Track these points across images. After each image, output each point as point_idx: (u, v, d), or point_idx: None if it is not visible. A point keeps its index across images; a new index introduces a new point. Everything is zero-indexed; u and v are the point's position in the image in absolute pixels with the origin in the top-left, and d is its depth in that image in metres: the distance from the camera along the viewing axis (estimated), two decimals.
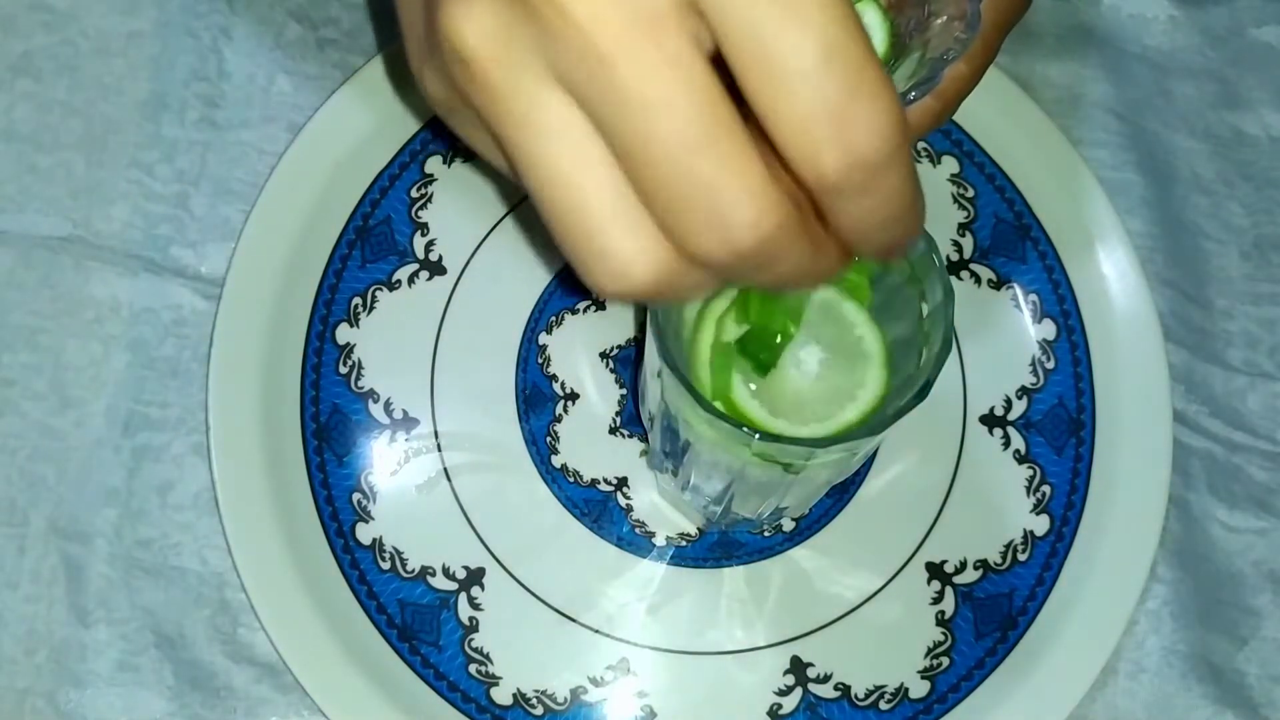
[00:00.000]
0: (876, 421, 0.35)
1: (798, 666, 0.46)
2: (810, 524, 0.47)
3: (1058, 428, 0.49)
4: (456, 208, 0.50)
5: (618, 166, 0.24)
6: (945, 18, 0.38)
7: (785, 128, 0.23)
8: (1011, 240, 0.51)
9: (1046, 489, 0.48)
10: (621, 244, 0.25)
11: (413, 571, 0.46)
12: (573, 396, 0.48)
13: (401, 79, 0.50)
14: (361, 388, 0.48)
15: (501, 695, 0.45)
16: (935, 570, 0.47)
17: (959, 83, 0.41)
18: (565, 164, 0.25)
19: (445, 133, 0.50)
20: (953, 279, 0.50)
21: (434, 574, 0.46)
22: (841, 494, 0.48)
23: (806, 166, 0.24)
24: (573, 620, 0.46)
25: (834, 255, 0.27)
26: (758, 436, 0.33)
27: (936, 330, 0.34)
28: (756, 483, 0.38)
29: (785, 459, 0.35)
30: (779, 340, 0.37)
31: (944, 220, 0.51)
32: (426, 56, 0.28)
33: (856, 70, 0.23)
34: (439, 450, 0.47)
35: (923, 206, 0.27)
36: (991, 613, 0.47)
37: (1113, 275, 0.50)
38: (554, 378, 0.48)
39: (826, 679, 0.46)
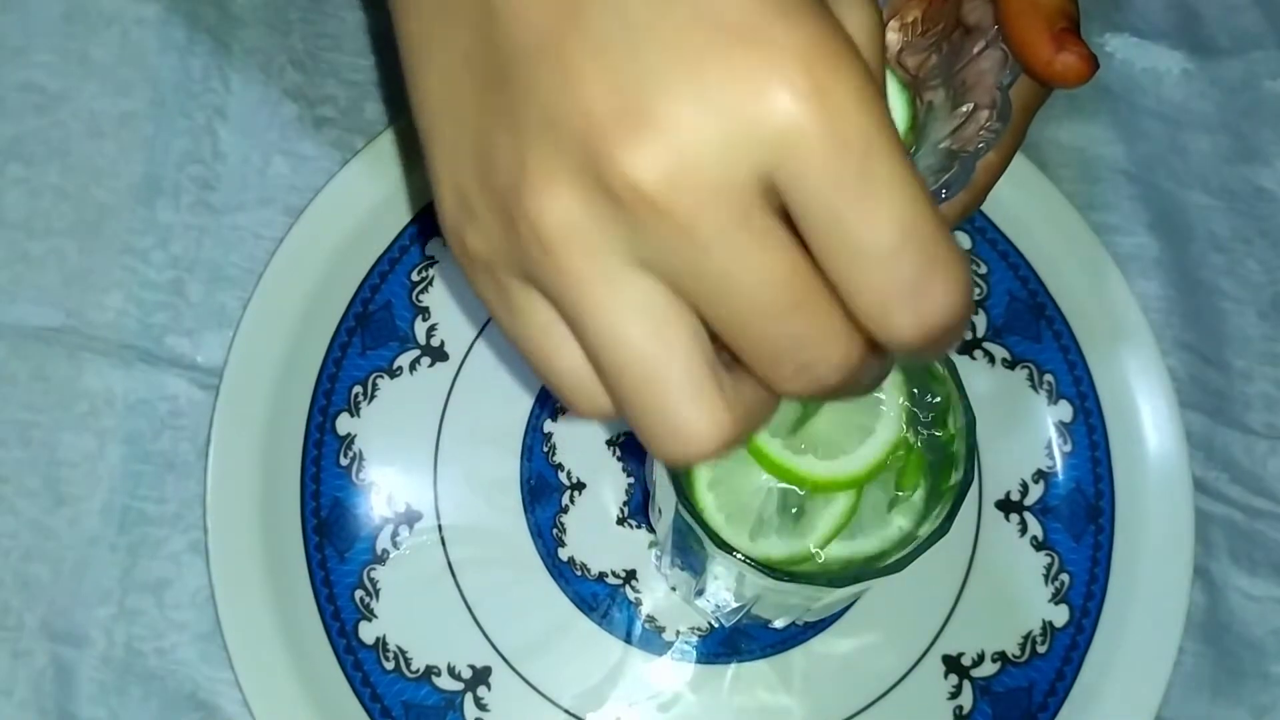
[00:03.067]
0: (897, 560, 0.34)
1: None
2: (823, 617, 0.46)
3: (1075, 514, 0.48)
4: (458, 290, 0.49)
5: (696, 342, 0.25)
6: (973, 106, 0.37)
7: (863, 303, 0.24)
8: (1025, 318, 0.50)
9: (1065, 577, 0.47)
10: (696, 419, 0.25)
11: (417, 671, 0.45)
12: (579, 486, 0.47)
13: (400, 160, 0.49)
14: (363, 480, 0.47)
15: None
16: (952, 663, 0.46)
17: (989, 172, 0.40)
18: (648, 344, 0.25)
19: None
20: (965, 358, 0.50)
21: (439, 674, 0.45)
22: None
23: (883, 338, 0.24)
24: None
25: (888, 360, 0.28)
26: (775, 575, 0.32)
27: (959, 452, 0.33)
28: (778, 602, 0.37)
29: (800, 598, 0.34)
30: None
31: None
32: (473, 214, 0.27)
33: (932, 249, 0.23)
34: (443, 544, 0.46)
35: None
36: (1010, 708, 0.46)
37: (1131, 357, 0.49)
38: (560, 467, 0.47)
39: None
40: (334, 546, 0.46)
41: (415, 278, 0.48)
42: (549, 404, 0.48)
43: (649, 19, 0.24)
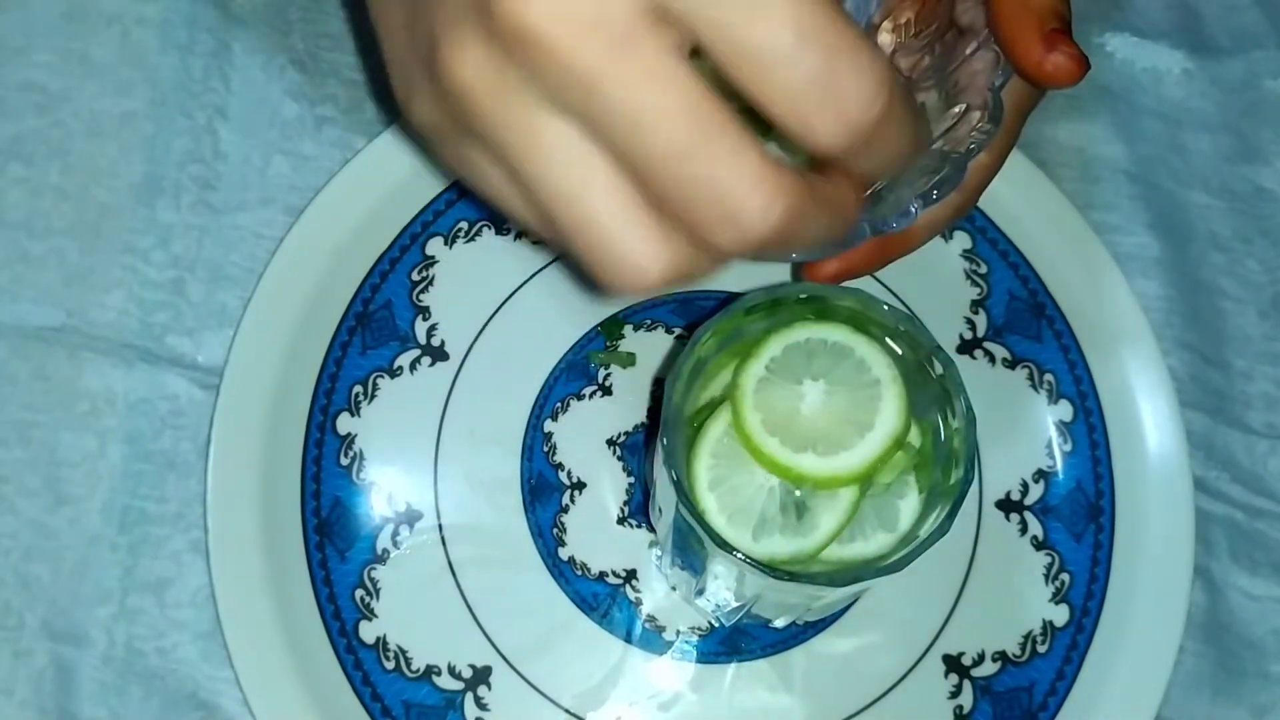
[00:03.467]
0: (897, 560, 0.34)
1: None
2: (823, 616, 0.46)
3: (1076, 513, 0.48)
4: (459, 290, 0.49)
5: (618, 174, 0.26)
6: (965, 107, 0.37)
7: (778, 110, 0.25)
8: (1026, 318, 0.50)
9: (1065, 577, 0.47)
10: (637, 246, 0.26)
11: (418, 671, 0.45)
12: (580, 486, 0.47)
13: (401, 160, 0.49)
14: (364, 479, 0.47)
15: None
16: (953, 663, 0.46)
17: (981, 173, 0.40)
18: (571, 182, 0.26)
19: (446, 213, 0.49)
20: (965, 358, 0.50)
21: (439, 673, 0.45)
22: None
23: (807, 141, 0.25)
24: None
25: (850, 202, 0.28)
26: (776, 574, 0.32)
27: (959, 451, 0.33)
28: (779, 601, 0.37)
29: (801, 597, 0.34)
30: None
31: (956, 297, 0.50)
32: (414, 87, 0.29)
33: (833, 42, 0.24)
34: (443, 544, 0.46)
35: (925, 128, 0.29)
36: (1011, 707, 0.46)
37: (1131, 357, 0.49)
38: (560, 466, 0.47)
39: None
40: (334, 546, 0.46)
41: (416, 277, 0.48)
42: (549, 404, 0.48)
43: None
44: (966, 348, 0.50)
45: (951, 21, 0.39)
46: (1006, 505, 0.48)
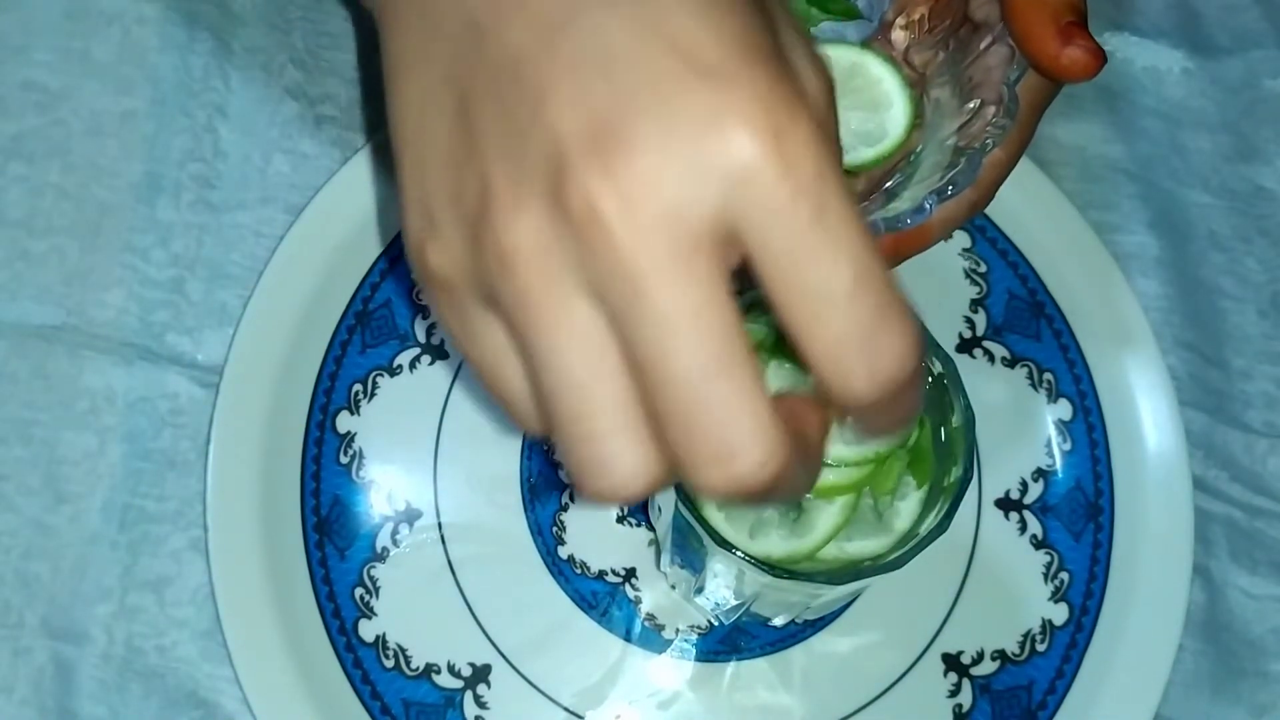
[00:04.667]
0: (897, 558, 0.34)
1: None
2: (822, 615, 0.46)
3: (1075, 512, 0.48)
4: None
5: (630, 379, 0.25)
6: (980, 103, 0.37)
7: (817, 350, 0.24)
8: (1025, 317, 0.50)
9: (1064, 576, 0.47)
10: (623, 456, 0.25)
11: (417, 669, 0.45)
12: None
13: None
14: (363, 478, 0.47)
15: None
16: (952, 661, 0.46)
17: (996, 169, 0.40)
18: (583, 370, 0.25)
19: None
20: (964, 357, 0.50)
21: (439, 672, 0.45)
22: None
23: (837, 387, 0.24)
24: (581, 719, 0.44)
25: (818, 469, 0.27)
26: (774, 573, 0.32)
27: (958, 449, 0.33)
28: (778, 600, 0.37)
29: (800, 596, 0.34)
30: None
31: (956, 296, 0.50)
32: (440, 233, 0.27)
33: (884, 297, 0.24)
34: (443, 542, 0.46)
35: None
36: (1010, 706, 0.46)
37: (1130, 356, 0.49)
38: (560, 465, 0.47)
39: None
40: (334, 544, 0.46)
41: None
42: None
43: (627, 45, 0.24)
44: (966, 346, 0.50)
45: (965, 17, 0.39)
46: (1006, 504, 0.48)
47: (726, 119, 0.23)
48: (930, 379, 0.37)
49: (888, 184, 0.39)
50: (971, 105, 0.37)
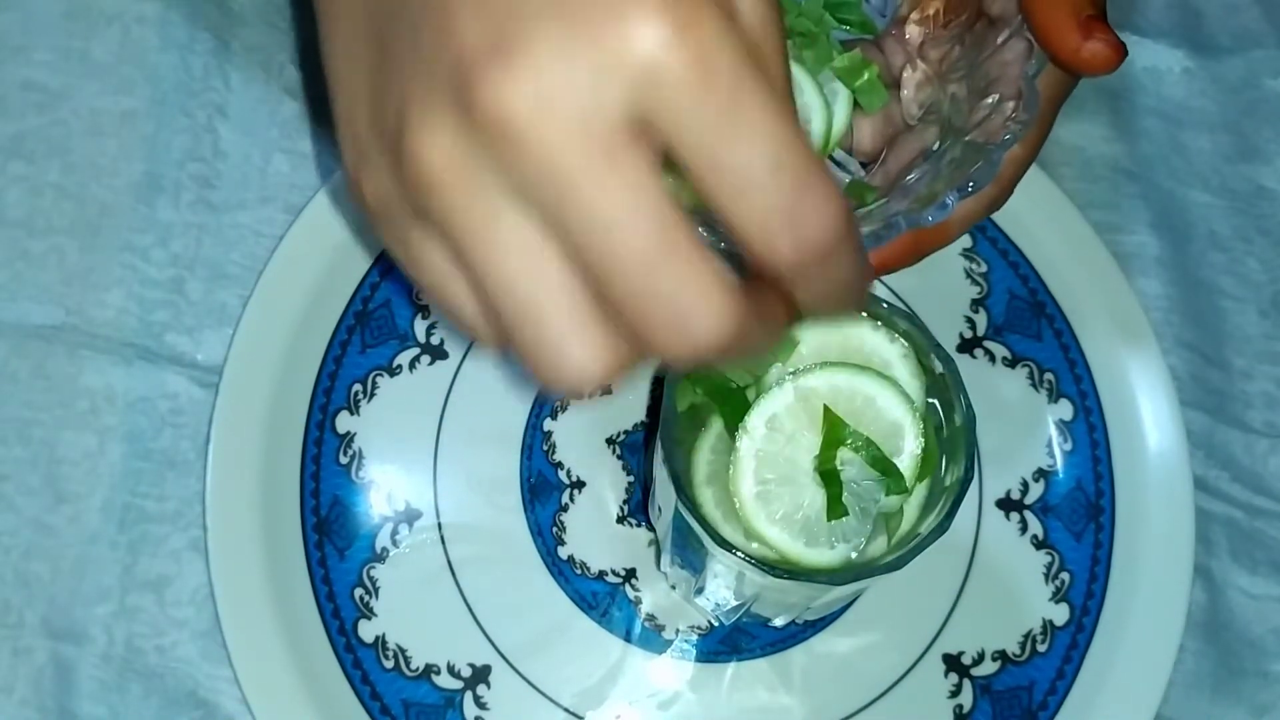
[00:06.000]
0: (897, 558, 0.34)
1: None
2: (822, 615, 0.46)
3: (1076, 513, 0.48)
4: None
5: (572, 275, 0.25)
6: (998, 98, 0.37)
7: (744, 227, 0.25)
8: (1026, 317, 0.50)
9: (1065, 576, 0.47)
10: (578, 348, 0.26)
11: (417, 670, 0.45)
12: (579, 485, 0.47)
13: None
14: (363, 478, 0.47)
15: None
16: (952, 662, 0.46)
17: (1014, 165, 0.39)
18: (525, 275, 0.25)
19: None
20: (965, 357, 0.50)
21: (439, 672, 0.45)
22: None
23: (766, 257, 0.25)
24: (581, 719, 0.44)
25: (781, 319, 0.28)
26: (774, 573, 0.32)
27: (959, 450, 0.33)
28: (778, 600, 0.37)
29: (800, 596, 0.34)
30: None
31: (956, 296, 0.50)
32: (368, 161, 0.28)
33: (803, 174, 0.24)
34: (443, 542, 0.46)
35: (870, 273, 0.29)
36: (1011, 706, 0.46)
37: (1131, 356, 0.49)
38: (560, 465, 0.47)
39: None
40: (334, 544, 0.46)
41: None
42: (549, 402, 0.48)
43: None
44: (967, 346, 0.50)
45: (981, 11, 0.39)
46: (1006, 504, 0.48)
47: (627, 15, 0.23)
48: (931, 379, 0.37)
49: (906, 178, 0.39)
50: (989, 101, 0.37)
